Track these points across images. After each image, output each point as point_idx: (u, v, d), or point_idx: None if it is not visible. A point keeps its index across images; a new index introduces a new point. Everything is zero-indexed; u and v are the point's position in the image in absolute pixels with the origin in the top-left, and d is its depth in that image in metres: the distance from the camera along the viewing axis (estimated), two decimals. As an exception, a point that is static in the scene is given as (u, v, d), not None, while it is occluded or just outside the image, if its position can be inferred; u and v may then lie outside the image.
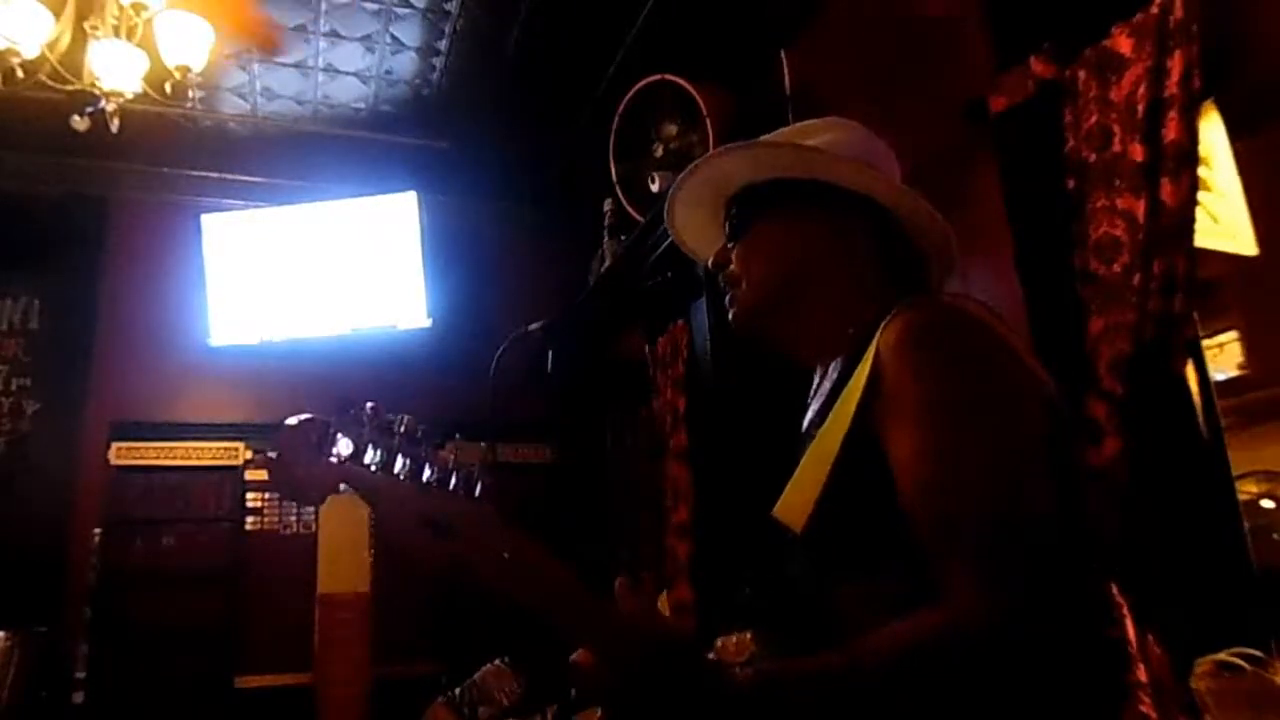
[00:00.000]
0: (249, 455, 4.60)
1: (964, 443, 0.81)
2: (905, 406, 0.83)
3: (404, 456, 0.79)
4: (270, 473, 0.80)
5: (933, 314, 0.90)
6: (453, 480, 0.80)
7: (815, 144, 1.07)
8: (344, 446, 0.78)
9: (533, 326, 3.22)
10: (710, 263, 1.12)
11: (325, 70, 4.16)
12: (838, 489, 0.86)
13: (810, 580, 0.91)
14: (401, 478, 0.79)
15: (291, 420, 0.78)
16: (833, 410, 0.91)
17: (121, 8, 2.90)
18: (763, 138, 1.13)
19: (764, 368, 3.01)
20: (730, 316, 1.10)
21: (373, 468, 0.79)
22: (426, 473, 0.80)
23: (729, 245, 1.10)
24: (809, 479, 0.89)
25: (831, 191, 1.03)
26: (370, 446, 0.79)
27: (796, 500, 0.90)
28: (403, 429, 0.80)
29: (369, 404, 0.80)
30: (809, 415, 1.05)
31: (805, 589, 0.91)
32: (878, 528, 0.85)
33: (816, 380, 1.07)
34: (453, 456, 0.81)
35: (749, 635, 0.99)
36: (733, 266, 1.08)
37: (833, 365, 1.02)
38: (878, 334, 0.89)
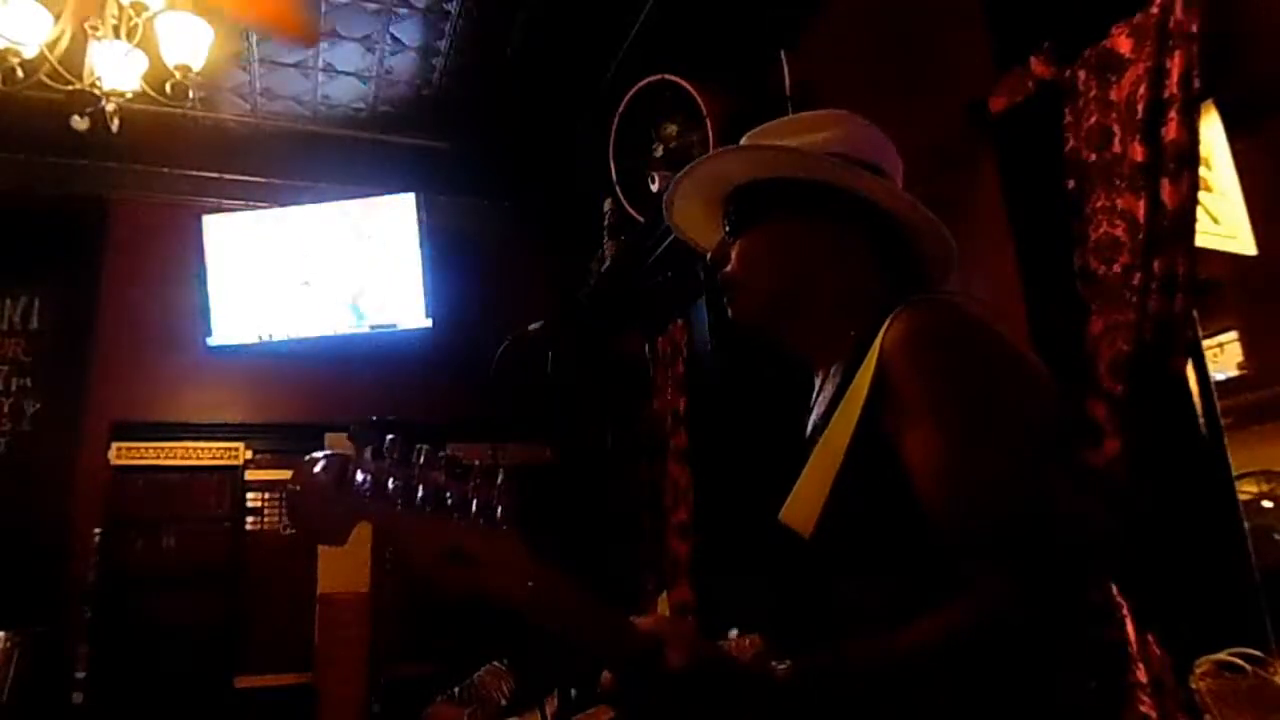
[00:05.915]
0: (249, 455, 4.60)
1: (981, 439, 0.82)
2: (917, 406, 0.84)
3: (424, 486, 0.78)
4: (290, 513, 0.80)
5: (936, 313, 0.90)
6: (474, 505, 0.79)
7: (818, 140, 1.06)
8: (363, 481, 0.77)
9: (533, 326, 3.21)
10: (709, 258, 1.12)
11: (325, 70, 4.16)
12: (845, 492, 0.87)
13: (817, 581, 0.91)
14: (422, 510, 0.78)
15: (310, 458, 0.77)
16: (836, 413, 0.91)
17: (121, 8, 2.90)
18: (764, 128, 1.12)
19: (764, 368, 3.01)
20: (729, 315, 1.10)
21: (395, 502, 0.77)
22: (448, 501, 0.79)
23: (728, 240, 1.09)
24: (815, 483, 0.89)
25: (831, 193, 1.03)
26: (390, 479, 0.78)
27: (804, 505, 0.90)
28: (421, 460, 0.79)
29: (390, 436, 0.78)
30: (812, 419, 1.05)
31: (811, 589, 0.92)
32: (885, 528, 0.85)
33: (818, 383, 1.07)
34: (474, 482, 0.80)
35: (759, 637, 1.00)
36: (731, 266, 1.08)
37: (834, 368, 1.02)
38: (880, 335, 0.89)
